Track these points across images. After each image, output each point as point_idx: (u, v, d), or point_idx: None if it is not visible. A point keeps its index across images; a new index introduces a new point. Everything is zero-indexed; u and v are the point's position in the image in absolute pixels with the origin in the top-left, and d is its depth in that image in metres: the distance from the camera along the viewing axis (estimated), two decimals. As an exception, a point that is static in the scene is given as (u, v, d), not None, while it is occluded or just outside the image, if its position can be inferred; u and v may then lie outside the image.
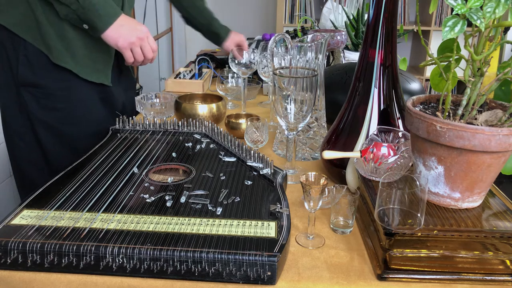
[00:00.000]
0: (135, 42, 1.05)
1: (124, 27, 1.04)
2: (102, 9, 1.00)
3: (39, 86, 1.04)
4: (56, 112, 1.06)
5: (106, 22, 1.01)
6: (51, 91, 1.05)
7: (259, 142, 1.02)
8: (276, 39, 0.96)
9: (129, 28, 1.04)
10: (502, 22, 0.60)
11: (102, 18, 1.00)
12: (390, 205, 0.64)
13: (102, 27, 1.01)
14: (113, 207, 0.71)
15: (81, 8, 0.97)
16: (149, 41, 1.08)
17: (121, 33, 1.03)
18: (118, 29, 1.03)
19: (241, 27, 3.73)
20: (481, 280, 0.63)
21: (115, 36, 1.03)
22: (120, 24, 1.03)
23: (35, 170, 1.10)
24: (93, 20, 0.99)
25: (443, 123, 0.61)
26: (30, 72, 1.03)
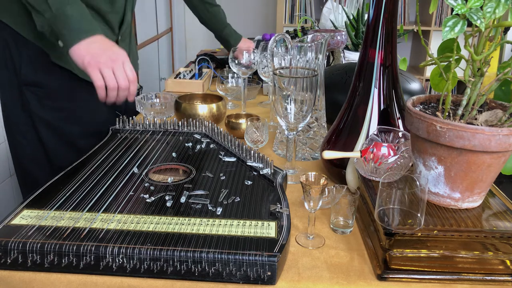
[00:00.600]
0: (106, 63, 0.89)
1: (96, 45, 0.90)
2: (76, 23, 0.89)
3: (41, 86, 1.03)
4: (57, 111, 1.06)
5: (75, 37, 0.89)
6: (52, 90, 1.04)
7: (259, 142, 1.02)
8: (276, 39, 0.96)
9: (101, 47, 0.91)
10: (502, 22, 0.60)
11: (72, 32, 0.89)
12: (390, 205, 0.64)
13: (70, 41, 0.89)
14: (113, 207, 0.71)
15: (53, 17, 0.88)
16: (124, 67, 0.92)
17: (90, 50, 0.89)
18: (88, 45, 0.90)
19: (241, 27, 3.72)
20: (481, 280, 0.63)
21: (82, 52, 0.89)
22: (93, 41, 0.90)
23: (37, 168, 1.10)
24: (62, 32, 0.89)
25: (443, 123, 0.61)
26: (32, 72, 1.02)
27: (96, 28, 0.91)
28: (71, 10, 0.88)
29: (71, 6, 0.89)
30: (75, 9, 0.89)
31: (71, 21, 0.88)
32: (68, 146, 1.08)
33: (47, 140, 1.06)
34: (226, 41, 1.70)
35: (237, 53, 1.33)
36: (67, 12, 0.88)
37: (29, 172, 1.10)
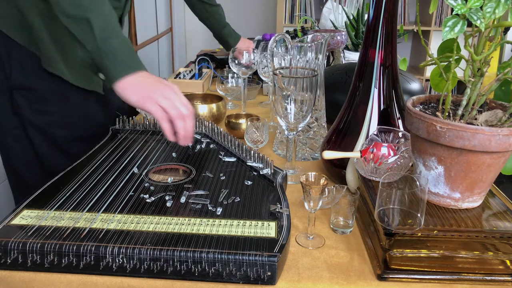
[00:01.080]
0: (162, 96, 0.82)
1: (147, 80, 0.84)
2: (121, 56, 0.83)
3: (32, 90, 1.01)
4: (49, 115, 1.03)
5: (121, 71, 0.83)
6: (43, 94, 1.02)
7: (259, 142, 1.02)
8: (276, 39, 0.96)
9: (152, 81, 0.84)
10: (502, 22, 0.60)
11: (118, 66, 0.83)
12: (390, 205, 0.64)
13: (115, 75, 0.83)
14: (113, 207, 0.71)
15: (96, 48, 0.82)
16: (180, 98, 0.84)
17: (141, 85, 0.83)
18: (137, 81, 0.83)
19: (241, 27, 3.72)
20: (481, 280, 0.63)
21: (134, 88, 0.83)
22: (140, 76, 0.84)
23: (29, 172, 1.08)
24: (106, 65, 0.83)
25: (443, 123, 0.61)
26: (22, 76, 1.00)
27: (141, 64, 0.87)
28: (117, 43, 0.83)
29: (117, 38, 0.84)
30: (121, 42, 0.84)
31: (116, 54, 0.83)
32: (59, 151, 1.06)
33: (38, 144, 1.04)
34: (225, 41, 1.71)
35: (236, 53, 1.33)
36: (113, 44, 0.83)
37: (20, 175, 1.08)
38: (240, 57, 1.32)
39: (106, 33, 0.83)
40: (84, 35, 0.83)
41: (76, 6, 0.83)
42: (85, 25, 0.83)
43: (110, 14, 0.86)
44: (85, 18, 0.82)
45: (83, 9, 0.83)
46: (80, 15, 0.82)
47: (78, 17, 0.83)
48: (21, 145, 1.04)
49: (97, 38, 0.82)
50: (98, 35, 0.82)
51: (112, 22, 0.85)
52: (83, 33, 0.83)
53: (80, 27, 0.83)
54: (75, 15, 0.83)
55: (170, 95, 0.83)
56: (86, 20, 0.82)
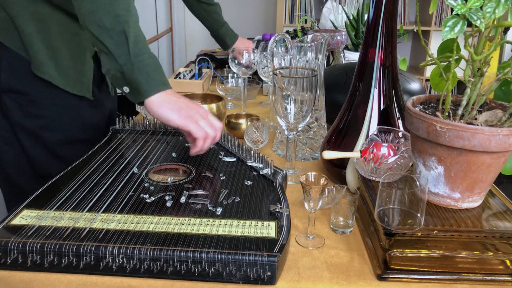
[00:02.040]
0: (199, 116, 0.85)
1: (180, 99, 0.86)
2: (154, 73, 0.84)
3: (22, 93, 0.98)
4: (39, 119, 1.01)
5: (153, 87, 0.83)
6: (34, 98, 1.00)
7: (259, 142, 1.02)
8: (276, 39, 0.96)
9: (185, 101, 0.86)
10: (502, 22, 0.60)
11: (151, 82, 0.83)
12: (390, 205, 0.64)
13: (148, 91, 0.83)
14: (113, 207, 0.71)
15: (129, 64, 0.82)
16: (210, 118, 0.87)
17: (178, 104, 0.84)
18: (170, 99, 0.84)
19: (241, 27, 3.73)
20: (481, 280, 0.63)
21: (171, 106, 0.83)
22: (171, 95, 0.85)
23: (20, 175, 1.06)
24: (138, 81, 0.82)
25: (443, 123, 0.61)
26: (13, 78, 0.97)
27: (168, 83, 0.87)
28: (148, 60, 0.84)
29: (149, 55, 0.84)
30: (152, 59, 0.85)
31: (149, 70, 0.83)
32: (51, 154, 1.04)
33: (29, 148, 1.02)
34: (223, 40, 1.71)
35: (236, 53, 1.33)
36: (145, 61, 0.83)
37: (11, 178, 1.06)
38: (240, 57, 1.32)
39: (139, 47, 0.83)
40: (118, 49, 0.82)
41: (113, 18, 0.81)
42: (121, 37, 0.81)
43: (140, 29, 0.85)
44: (122, 31, 0.81)
45: (120, 20, 0.81)
46: (117, 27, 0.81)
47: (115, 29, 0.81)
48: (11, 148, 1.02)
49: (131, 52, 0.82)
50: (132, 50, 0.82)
51: (143, 36, 0.85)
52: (117, 46, 0.82)
53: (114, 40, 0.81)
54: (112, 27, 0.81)
55: (205, 114, 0.86)
56: (123, 32, 0.81)
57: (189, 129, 0.83)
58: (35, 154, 1.01)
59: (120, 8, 0.81)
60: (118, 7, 0.81)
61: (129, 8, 0.83)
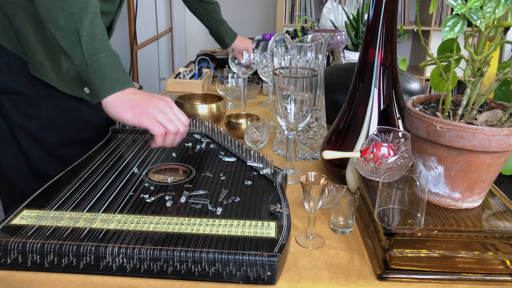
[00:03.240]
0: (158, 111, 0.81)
1: (138, 96, 0.82)
2: (110, 73, 0.80)
3: (20, 94, 0.97)
4: (38, 120, 1.00)
5: (109, 88, 0.80)
6: (33, 99, 0.99)
7: (259, 142, 1.02)
8: (276, 39, 0.96)
9: (144, 97, 0.82)
10: (502, 22, 0.60)
11: (106, 82, 0.80)
12: (390, 205, 0.64)
13: (103, 92, 0.80)
14: (113, 207, 0.71)
15: (84, 64, 0.79)
16: (175, 112, 0.83)
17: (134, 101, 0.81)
18: (127, 97, 0.81)
19: (241, 27, 3.73)
20: (481, 280, 0.63)
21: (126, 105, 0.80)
22: (130, 93, 0.82)
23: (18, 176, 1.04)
24: (93, 81, 0.80)
25: (443, 123, 0.61)
26: (10, 79, 0.96)
27: (130, 80, 0.84)
28: (104, 58, 0.80)
29: (105, 53, 0.81)
30: (109, 58, 0.81)
31: (104, 70, 0.80)
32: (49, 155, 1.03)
33: (27, 149, 1.01)
34: (221, 39, 1.70)
35: (236, 53, 1.33)
36: (101, 60, 0.80)
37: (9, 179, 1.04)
38: (240, 57, 1.32)
39: (95, 46, 0.80)
40: (72, 48, 0.80)
41: (69, 16, 0.79)
42: (74, 36, 0.79)
43: (99, 26, 0.82)
44: (75, 29, 0.79)
45: (75, 19, 0.79)
46: (70, 26, 0.79)
47: (68, 28, 0.79)
48: (10, 148, 1.01)
49: (85, 52, 0.79)
50: (86, 49, 0.79)
51: (101, 34, 0.82)
52: (71, 46, 0.80)
53: (68, 39, 0.79)
54: (66, 25, 0.79)
55: (165, 108, 0.82)
56: (76, 31, 0.79)
57: (145, 126, 0.80)
58: (34, 155, 1.00)
59: (76, 6, 0.79)
60: (74, 5, 0.79)
61: (87, 6, 0.80)
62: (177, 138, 0.83)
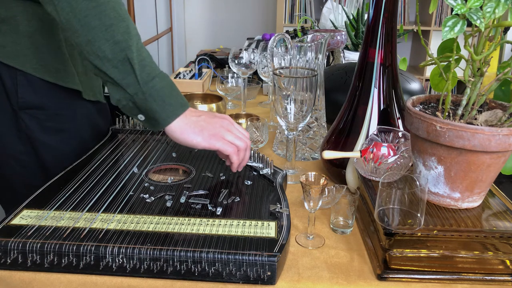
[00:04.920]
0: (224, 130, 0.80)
1: (201, 117, 0.79)
2: (169, 97, 0.76)
3: (42, 108, 0.92)
4: (60, 133, 0.96)
5: (172, 113, 0.76)
6: (56, 111, 0.94)
7: (259, 142, 1.02)
8: (276, 39, 0.96)
9: (206, 118, 0.80)
10: (502, 22, 0.60)
11: (168, 108, 0.76)
12: (390, 205, 0.64)
13: (166, 118, 0.76)
14: (113, 207, 0.71)
15: (140, 93, 0.74)
16: (236, 127, 0.83)
17: (200, 124, 0.78)
18: (191, 120, 0.78)
19: (241, 27, 3.73)
20: (481, 280, 0.63)
21: (193, 129, 0.78)
22: (191, 115, 0.79)
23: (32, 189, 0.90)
24: (155, 109, 0.75)
25: (443, 123, 0.61)
26: (31, 93, 0.90)
27: (186, 101, 0.81)
28: (160, 83, 0.76)
29: (159, 77, 0.76)
30: (164, 81, 0.77)
31: (163, 95, 0.75)
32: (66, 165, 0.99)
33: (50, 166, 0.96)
34: None
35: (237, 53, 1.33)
36: (157, 85, 0.75)
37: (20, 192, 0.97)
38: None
39: (148, 72, 0.75)
40: (124, 79, 0.74)
41: (113, 45, 0.73)
42: (126, 66, 0.74)
43: (143, 48, 0.77)
44: (126, 58, 0.73)
45: (122, 47, 0.73)
46: (119, 56, 0.73)
47: (117, 58, 0.73)
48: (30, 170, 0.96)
49: (140, 80, 0.74)
50: (141, 77, 0.74)
51: (149, 57, 0.77)
52: (123, 76, 0.74)
53: (119, 70, 0.74)
54: (113, 56, 0.73)
55: (229, 126, 0.81)
56: (127, 60, 0.73)
57: (217, 148, 0.79)
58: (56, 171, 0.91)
59: (119, 33, 0.73)
60: (117, 31, 0.73)
61: (128, 29, 0.75)
62: (247, 153, 0.83)
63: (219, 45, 2.58)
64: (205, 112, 0.82)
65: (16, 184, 0.98)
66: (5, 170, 0.96)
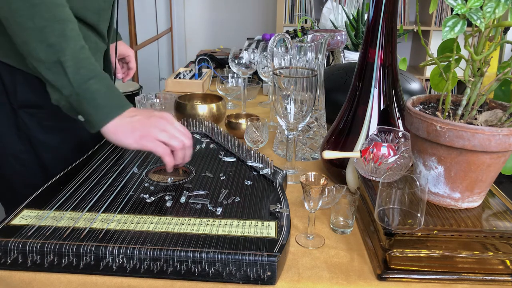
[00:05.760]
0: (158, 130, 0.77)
1: (136, 118, 0.78)
2: (104, 99, 0.76)
3: (41, 107, 0.92)
4: (59, 132, 0.96)
5: (106, 115, 0.76)
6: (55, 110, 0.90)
7: (259, 142, 1.02)
8: (276, 39, 0.96)
9: (142, 118, 0.78)
10: (502, 22, 0.60)
11: (102, 110, 0.76)
12: (390, 205, 0.64)
13: (100, 120, 0.76)
14: (113, 207, 0.71)
15: (74, 94, 0.74)
16: (176, 126, 0.80)
17: (134, 125, 0.77)
18: (126, 121, 0.77)
19: (241, 27, 3.73)
20: (481, 280, 0.63)
21: (126, 130, 0.77)
22: (128, 115, 0.78)
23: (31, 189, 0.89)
24: (87, 110, 0.75)
25: (443, 123, 0.61)
26: (29, 92, 0.91)
27: (126, 101, 0.80)
28: (95, 85, 0.75)
29: (95, 79, 0.76)
30: (100, 82, 0.76)
31: (97, 97, 0.75)
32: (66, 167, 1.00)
33: (50, 165, 0.96)
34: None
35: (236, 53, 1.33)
36: (92, 87, 0.75)
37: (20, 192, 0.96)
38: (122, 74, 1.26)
39: (82, 74, 0.75)
40: (58, 80, 0.74)
41: (46, 48, 0.73)
42: (58, 69, 0.74)
43: (82, 49, 0.77)
44: (58, 61, 0.73)
45: (55, 50, 0.73)
46: (51, 58, 0.73)
47: (49, 61, 0.73)
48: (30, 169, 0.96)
49: (73, 82, 0.74)
50: (74, 79, 0.74)
51: (86, 58, 0.77)
52: (56, 78, 0.74)
53: (52, 71, 0.74)
54: (46, 58, 0.73)
55: (165, 126, 0.78)
56: (59, 63, 0.73)
57: (148, 149, 0.77)
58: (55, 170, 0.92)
59: (53, 35, 0.73)
60: (51, 34, 0.73)
61: (64, 32, 0.74)
62: (187, 152, 0.80)
63: (219, 45, 2.58)
64: (143, 111, 0.81)
65: (16, 183, 0.98)
66: (5, 169, 0.97)
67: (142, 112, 0.80)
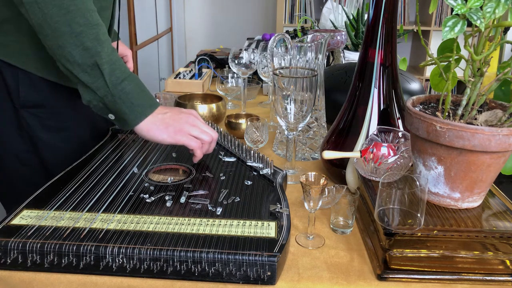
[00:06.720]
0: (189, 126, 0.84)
1: (167, 115, 0.84)
2: (137, 98, 0.80)
3: (44, 106, 0.94)
4: (60, 132, 0.97)
5: (140, 114, 0.81)
6: (56, 110, 0.95)
7: (259, 142, 1.02)
8: (276, 39, 0.96)
9: (173, 115, 0.84)
10: (502, 22, 0.60)
11: (136, 109, 0.80)
12: (390, 205, 0.64)
13: (135, 119, 0.81)
14: (113, 207, 0.71)
15: (109, 95, 0.78)
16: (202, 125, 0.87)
17: (166, 122, 0.83)
18: (158, 119, 0.83)
19: (241, 27, 3.73)
20: (481, 280, 0.63)
21: (160, 128, 0.82)
22: (159, 113, 0.83)
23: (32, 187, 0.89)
24: (124, 110, 0.79)
25: (443, 123, 0.61)
26: (32, 92, 0.92)
27: (156, 100, 0.85)
28: (129, 85, 0.79)
29: (128, 80, 0.80)
30: (132, 83, 0.80)
31: (132, 97, 0.79)
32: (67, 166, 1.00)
33: (51, 165, 0.97)
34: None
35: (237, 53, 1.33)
36: (126, 88, 0.79)
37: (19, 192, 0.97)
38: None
39: (117, 75, 0.79)
40: (94, 82, 0.78)
41: (83, 51, 0.76)
42: (95, 71, 0.77)
43: (114, 52, 0.80)
44: (95, 64, 0.77)
45: (91, 53, 0.76)
46: (88, 61, 0.77)
47: (86, 64, 0.77)
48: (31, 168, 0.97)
49: (109, 83, 0.78)
50: (110, 81, 0.78)
51: (119, 60, 0.80)
52: (93, 80, 0.78)
53: (89, 74, 0.77)
54: (83, 61, 0.77)
55: (195, 121, 0.86)
56: (96, 66, 0.77)
57: (182, 143, 0.84)
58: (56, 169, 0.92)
59: (89, 39, 0.76)
60: (87, 38, 0.76)
61: (98, 36, 0.78)
62: (212, 145, 0.88)
63: (219, 45, 2.58)
64: (173, 108, 0.87)
65: (17, 182, 0.99)
66: (7, 168, 0.97)
67: (171, 109, 0.86)
